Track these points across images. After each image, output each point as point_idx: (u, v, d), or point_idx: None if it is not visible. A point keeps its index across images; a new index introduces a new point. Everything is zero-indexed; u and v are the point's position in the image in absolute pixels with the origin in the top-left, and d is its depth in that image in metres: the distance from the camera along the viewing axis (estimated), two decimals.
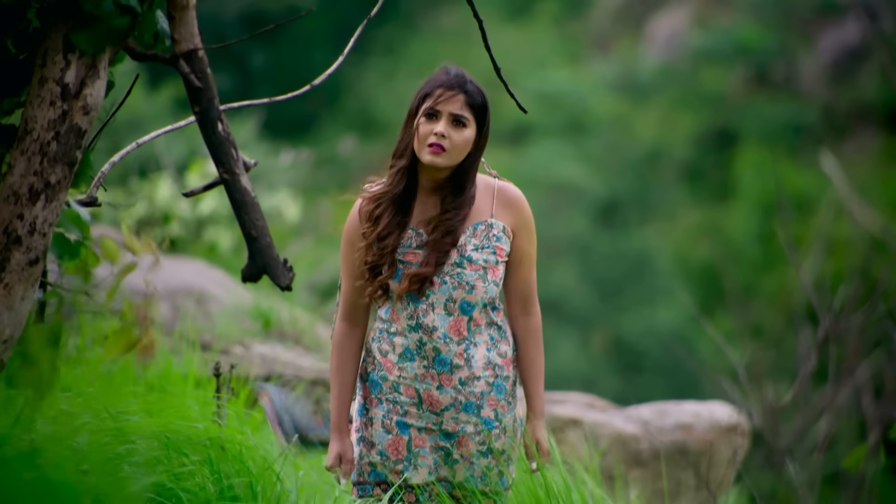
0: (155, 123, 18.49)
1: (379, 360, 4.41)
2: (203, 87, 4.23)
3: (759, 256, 23.86)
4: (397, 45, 27.43)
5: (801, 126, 25.87)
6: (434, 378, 4.36)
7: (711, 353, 20.39)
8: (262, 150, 19.27)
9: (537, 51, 27.69)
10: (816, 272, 6.45)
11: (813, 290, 5.45)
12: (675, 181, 26.47)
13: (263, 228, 4.47)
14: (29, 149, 3.95)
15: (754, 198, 24.81)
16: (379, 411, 4.41)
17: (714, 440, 8.53)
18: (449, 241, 4.35)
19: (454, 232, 4.35)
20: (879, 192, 21.81)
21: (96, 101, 3.98)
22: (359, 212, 4.44)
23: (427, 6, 28.56)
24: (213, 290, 10.22)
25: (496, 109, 4.50)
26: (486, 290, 4.36)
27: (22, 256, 3.95)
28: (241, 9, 27.38)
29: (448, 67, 4.43)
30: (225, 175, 4.36)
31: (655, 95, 27.07)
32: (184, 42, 4.17)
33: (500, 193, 4.44)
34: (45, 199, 3.95)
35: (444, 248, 4.35)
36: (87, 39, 3.92)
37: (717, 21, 27.64)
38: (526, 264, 4.45)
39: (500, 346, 4.42)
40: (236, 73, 26.60)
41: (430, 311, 4.35)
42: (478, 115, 4.38)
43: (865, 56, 25.54)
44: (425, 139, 4.35)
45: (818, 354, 5.29)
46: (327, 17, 26.85)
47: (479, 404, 4.38)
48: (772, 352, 5.80)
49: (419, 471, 4.40)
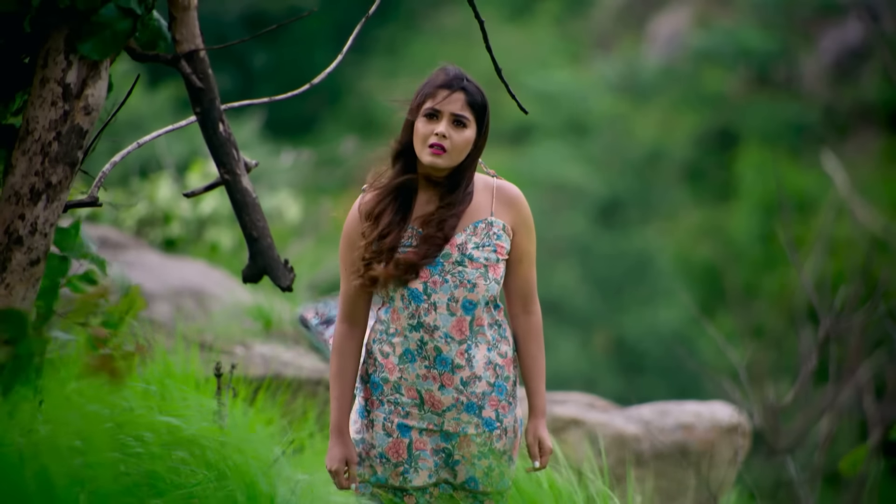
0: (155, 123, 18.49)
1: (380, 361, 4.41)
2: (204, 87, 4.23)
3: (760, 256, 23.86)
4: (398, 46, 27.43)
5: (802, 126, 25.86)
6: (436, 378, 4.36)
7: (712, 354, 20.39)
8: (263, 150, 19.27)
9: (538, 50, 27.69)
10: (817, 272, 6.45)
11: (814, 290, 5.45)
12: (676, 181, 26.46)
13: (264, 229, 4.47)
14: (30, 149, 3.95)
15: (755, 198, 24.81)
16: (380, 413, 4.41)
17: (715, 440, 8.53)
18: (441, 236, 4.34)
19: (445, 226, 4.34)
20: (881, 192, 21.81)
21: (98, 101, 3.99)
22: (359, 210, 4.44)
23: (428, 6, 28.56)
24: (213, 290, 10.22)
25: (497, 109, 4.50)
26: (487, 288, 4.36)
27: (23, 257, 3.95)
28: (242, 9, 27.39)
29: (447, 67, 4.42)
30: (226, 175, 4.37)
31: (656, 95, 27.06)
32: (185, 42, 4.17)
33: (500, 192, 4.44)
34: (46, 199, 3.95)
35: (435, 241, 4.34)
36: (94, 47, 3.92)
37: (719, 21, 27.64)
38: (526, 263, 4.45)
39: (501, 346, 4.42)
40: (237, 73, 26.60)
41: (431, 311, 4.35)
42: (478, 115, 4.38)
43: (867, 56, 25.54)
44: (426, 139, 4.34)
45: (819, 354, 5.29)
46: (328, 18, 26.85)
47: (480, 405, 4.38)
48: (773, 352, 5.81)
49: (420, 473, 4.40)
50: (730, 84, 26.99)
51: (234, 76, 26.23)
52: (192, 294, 10.01)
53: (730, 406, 8.66)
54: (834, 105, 25.68)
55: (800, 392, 5.30)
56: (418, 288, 4.35)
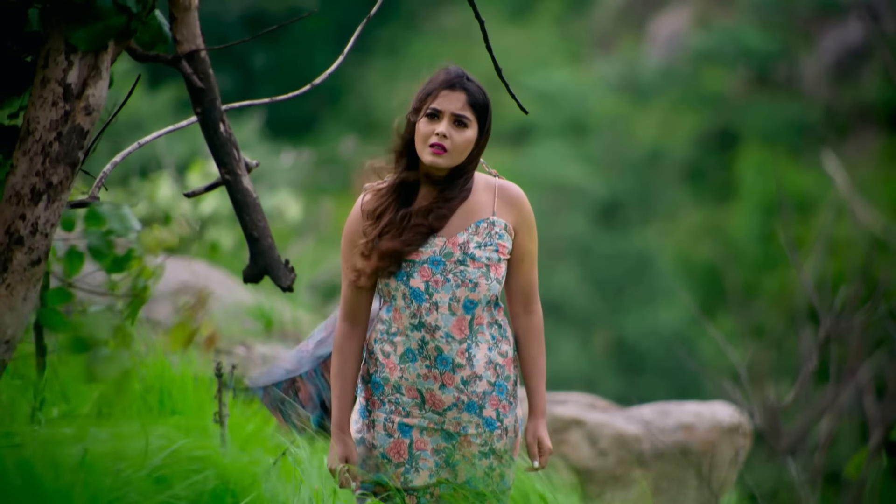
0: (156, 123, 18.50)
1: (381, 361, 4.41)
2: (205, 87, 4.23)
3: (760, 256, 23.85)
4: (399, 46, 27.42)
5: (802, 126, 25.86)
6: (436, 378, 4.36)
7: (713, 354, 20.39)
8: (263, 150, 19.28)
9: (539, 50, 27.69)
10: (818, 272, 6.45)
11: (814, 290, 5.45)
12: (677, 181, 26.46)
13: (265, 229, 4.47)
14: (31, 149, 3.95)
15: (756, 198, 24.81)
16: (381, 413, 4.41)
17: (716, 440, 8.54)
18: (426, 224, 4.34)
19: (432, 216, 4.34)
20: (881, 192, 21.81)
21: (98, 101, 3.98)
22: (361, 209, 4.44)
23: (428, 6, 28.56)
24: (214, 290, 10.23)
25: (497, 109, 4.50)
26: (489, 287, 4.36)
27: (24, 257, 3.96)
28: (243, 9, 27.39)
29: (449, 67, 4.42)
30: (227, 176, 4.37)
31: (657, 95, 27.06)
32: (186, 43, 4.17)
33: (502, 191, 4.44)
34: (47, 199, 3.95)
35: (420, 229, 4.34)
36: (84, 37, 3.92)
37: (719, 21, 27.63)
38: (527, 262, 4.45)
39: (501, 346, 4.42)
40: (238, 74, 26.60)
41: (433, 310, 4.35)
42: (479, 115, 4.38)
43: (867, 56, 25.53)
44: (427, 139, 4.34)
45: (819, 354, 5.29)
46: (328, 18, 26.85)
47: (481, 404, 4.38)
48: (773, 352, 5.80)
49: (420, 473, 4.40)
50: (730, 84, 26.99)
51: (234, 76, 26.23)
52: (192, 294, 10.01)
53: (730, 406, 8.66)
54: (834, 105, 25.69)
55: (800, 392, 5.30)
56: (420, 287, 4.35)
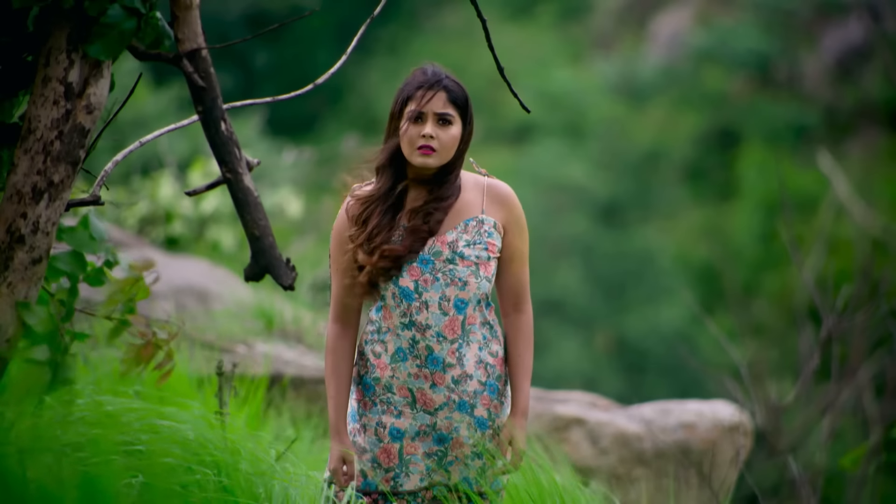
0: (158, 122, 18.51)
1: (372, 361, 4.41)
2: (206, 86, 4.24)
3: (761, 256, 23.86)
4: (400, 45, 27.43)
5: (803, 126, 25.87)
6: (427, 377, 4.35)
7: (714, 353, 20.39)
8: (264, 148, 19.28)
9: (539, 50, 27.68)
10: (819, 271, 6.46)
11: (815, 290, 5.45)
12: (678, 181, 26.47)
13: (266, 228, 4.47)
14: (32, 148, 3.95)
15: (757, 197, 24.82)
16: (372, 417, 4.40)
17: (717, 439, 8.54)
18: (426, 228, 4.35)
19: (431, 219, 4.34)
20: (882, 192, 21.82)
21: (100, 100, 3.99)
22: (346, 213, 4.44)
23: (430, 6, 28.56)
24: (215, 288, 10.23)
25: (498, 109, 4.51)
26: (478, 285, 4.36)
27: (25, 255, 3.96)
28: (244, 8, 27.40)
29: (424, 67, 4.43)
30: (228, 174, 4.37)
31: (657, 95, 27.07)
32: (187, 42, 4.18)
33: (490, 190, 4.44)
34: (48, 198, 3.96)
35: (420, 234, 4.35)
36: (103, 49, 3.92)
37: (720, 21, 27.64)
38: (518, 261, 4.44)
39: (492, 346, 4.41)
40: (239, 72, 26.61)
41: (423, 310, 4.34)
42: (461, 110, 4.39)
43: (868, 56, 25.53)
44: (414, 142, 4.35)
45: (820, 353, 5.29)
46: (330, 17, 26.86)
47: (472, 403, 4.37)
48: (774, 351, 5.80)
49: (411, 478, 4.39)
50: (731, 84, 27.00)
51: (235, 75, 26.24)
52: (193, 293, 10.02)
53: (732, 405, 8.67)
54: (835, 105, 25.69)
55: (801, 391, 5.30)
56: (409, 286, 4.34)
